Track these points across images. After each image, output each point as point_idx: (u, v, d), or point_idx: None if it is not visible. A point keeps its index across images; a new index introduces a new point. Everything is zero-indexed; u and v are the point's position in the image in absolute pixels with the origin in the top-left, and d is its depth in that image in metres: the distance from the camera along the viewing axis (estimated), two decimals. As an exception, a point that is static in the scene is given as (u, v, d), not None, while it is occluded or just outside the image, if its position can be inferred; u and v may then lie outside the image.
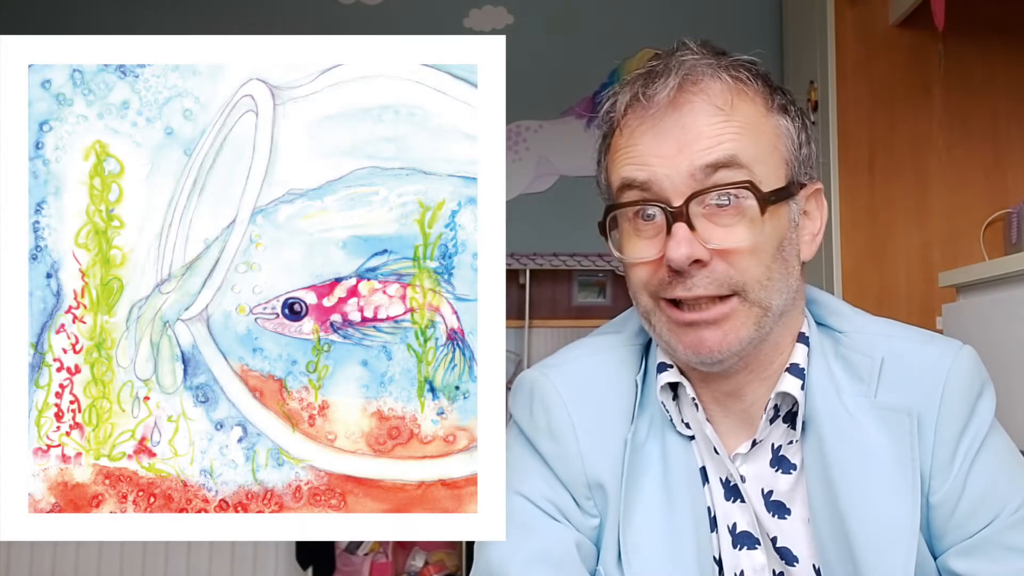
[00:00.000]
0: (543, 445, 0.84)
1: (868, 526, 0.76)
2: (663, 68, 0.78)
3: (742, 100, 0.78)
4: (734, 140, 0.76)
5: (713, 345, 0.77)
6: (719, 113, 0.76)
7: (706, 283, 0.76)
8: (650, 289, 0.79)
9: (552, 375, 0.86)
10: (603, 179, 0.84)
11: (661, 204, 0.76)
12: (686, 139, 0.76)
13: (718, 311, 0.76)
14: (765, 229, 0.76)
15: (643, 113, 0.78)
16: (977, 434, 0.79)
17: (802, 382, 0.80)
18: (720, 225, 0.76)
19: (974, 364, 0.81)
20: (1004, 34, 2.62)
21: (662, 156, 0.76)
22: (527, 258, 3.16)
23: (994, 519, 0.77)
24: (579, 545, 0.81)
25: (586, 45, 3.30)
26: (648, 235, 0.78)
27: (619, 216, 0.80)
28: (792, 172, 0.80)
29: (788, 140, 0.80)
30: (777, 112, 0.80)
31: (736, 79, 0.78)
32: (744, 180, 0.75)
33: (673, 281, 0.76)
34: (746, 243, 0.75)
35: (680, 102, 0.77)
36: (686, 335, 0.78)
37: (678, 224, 0.75)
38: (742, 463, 0.82)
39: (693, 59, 0.78)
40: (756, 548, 0.81)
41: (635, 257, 0.79)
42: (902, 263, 2.60)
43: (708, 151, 0.75)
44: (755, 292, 0.76)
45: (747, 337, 0.77)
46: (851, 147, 2.61)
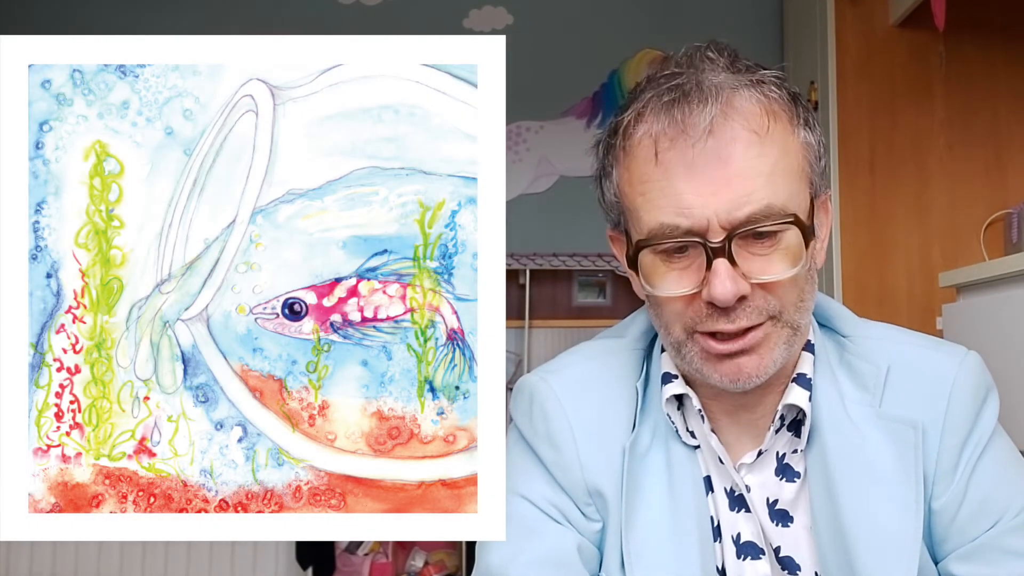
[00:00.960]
0: (543, 451, 0.83)
1: (869, 537, 0.75)
2: (694, 88, 0.74)
3: (774, 121, 0.75)
4: (769, 185, 0.73)
5: (751, 372, 0.76)
6: (756, 142, 0.73)
7: (748, 314, 0.74)
8: (684, 323, 0.76)
9: (552, 381, 0.85)
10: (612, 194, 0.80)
11: (699, 240, 0.73)
12: (724, 177, 0.72)
13: (753, 338, 0.75)
14: (802, 257, 0.74)
15: (676, 137, 0.73)
16: (980, 440, 0.79)
17: (809, 393, 0.80)
18: (758, 256, 0.73)
19: (979, 371, 0.81)
20: (1004, 34, 2.62)
21: (699, 195, 0.72)
22: (527, 258, 3.16)
23: (995, 523, 0.77)
24: (581, 548, 0.80)
25: (586, 45, 3.30)
26: (680, 266, 0.75)
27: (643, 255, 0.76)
28: (815, 189, 0.78)
29: (812, 155, 0.78)
30: (802, 126, 0.78)
31: (768, 97, 0.75)
32: (789, 215, 0.73)
33: (714, 314, 0.74)
34: (789, 275, 0.74)
35: (717, 128, 0.72)
36: (723, 365, 0.76)
37: (720, 260, 0.72)
38: (747, 473, 0.82)
39: (725, 78, 0.75)
40: (760, 558, 0.81)
41: (669, 292, 0.75)
42: (902, 263, 2.60)
43: (746, 199, 0.72)
44: (789, 315, 0.75)
45: (781, 358, 0.77)
46: (851, 147, 2.61)
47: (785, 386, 0.81)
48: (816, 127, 0.80)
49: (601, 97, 3.29)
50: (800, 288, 0.76)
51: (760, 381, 0.77)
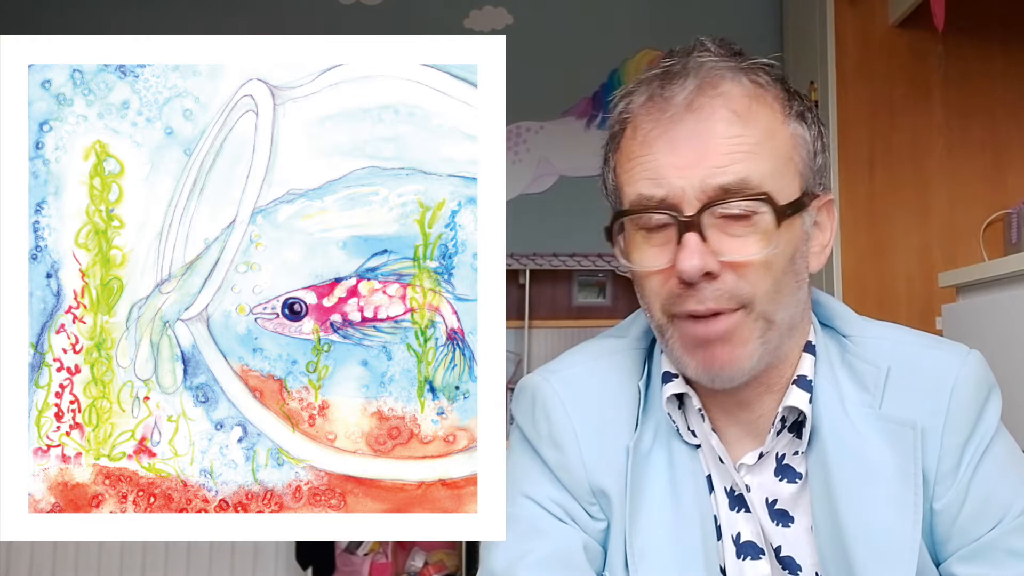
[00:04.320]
0: (546, 452, 0.83)
1: (868, 539, 0.75)
2: (680, 69, 0.76)
3: (760, 106, 0.76)
4: (748, 160, 0.73)
5: (725, 361, 0.75)
6: (736, 121, 0.74)
7: (716, 296, 0.74)
8: (662, 302, 0.77)
9: (554, 381, 0.85)
10: (611, 181, 0.82)
11: (673, 213, 0.74)
12: (702, 150, 0.73)
13: (725, 325, 0.75)
14: (779, 242, 0.74)
15: (659, 116, 0.75)
16: (982, 440, 0.79)
17: (810, 395, 0.80)
18: (732, 236, 0.74)
19: (981, 370, 0.81)
20: (1004, 34, 2.62)
21: (677, 167, 0.74)
22: (527, 258, 3.16)
23: (997, 524, 0.77)
24: (586, 547, 0.80)
25: (586, 45, 3.30)
26: (657, 243, 0.76)
27: (627, 222, 0.78)
28: (806, 183, 0.78)
29: (804, 149, 0.78)
30: (794, 119, 0.78)
31: (755, 83, 0.76)
32: (761, 192, 0.73)
33: (684, 294, 0.74)
34: (759, 256, 0.74)
35: (697, 106, 0.74)
36: (697, 353, 0.76)
37: (690, 234, 0.73)
38: (747, 473, 0.82)
39: (712, 61, 0.76)
40: (760, 558, 0.81)
41: (644, 266, 0.77)
42: (902, 263, 2.60)
43: (722, 171, 0.73)
44: (761, 305, 0.75)
45: (755, 352, 0.76)
46: (851, 147, 2.61)
47: (785, 388, 0.81)
48: (814, 125, 0.80)
49: (601, 97, 3.29)
50: (775, 279, 0.75)
51: (736, 377, 0.76)
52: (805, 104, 0.80)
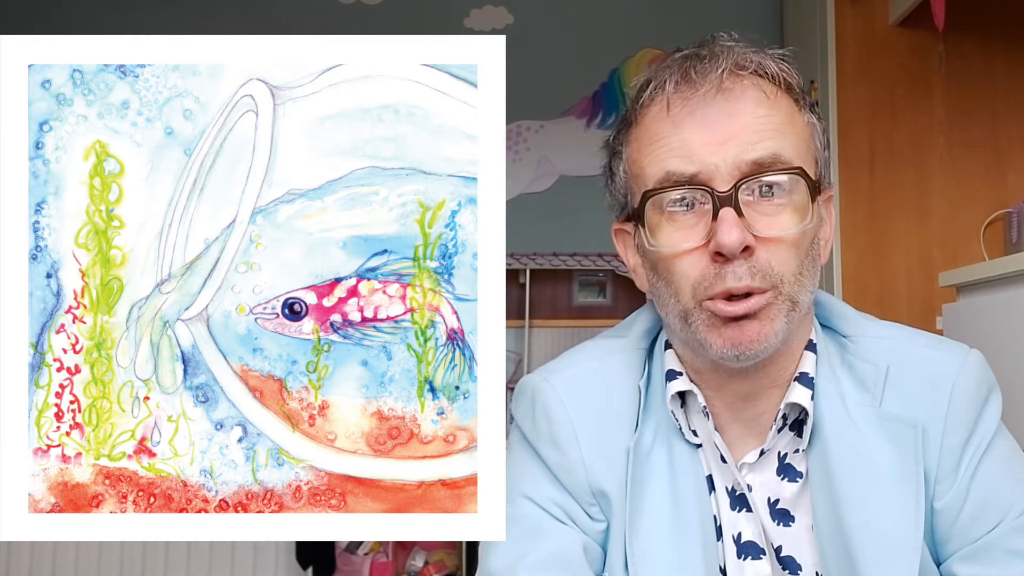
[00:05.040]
0: (545, 452, 0.83)
1: (870, 537, 0.75)
2: (708, 53, 0.78)
3: (783, 92, 0.78)
4: (777, 137, 0.75)
5: (753, 336, 0.75)
6: (765, 102, 0.76)
7: (750, 272, 0.74)
8: (693, 284, 0.76)
9: (554, 381, 0.85)
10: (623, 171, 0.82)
11: (708, 189, 0.74)
12: (733, 128, 0.74)
13: (757, 302, 0.74)
14: (807, 219, 0.75)
15: (688, 95, 0.76)
16: (982, 440, 0.79)
17: (811, 392, 0.80)
18: (764, 213, 0.74)
19: (981, 369, 0.81)
20: (1005, 34, 2.62)
21: (709, 145, 0.74)
22: (527, 258, 3.16)
23: (998, 524, 0.77)
24: (586, 548, 0.80)
25: (586, 45, 3.30)
26: (687, 225, 0.76)
27: (649, 209, 0.77)
28: (819, 172, 0.80)
29: (816, 139, 0.80)
30: (807, 109, 0.80)
31: (780, 71, 0.78)
32: (796, 166, 0.75)
33: (720, 271, 0.74)
34: (793, 231, 0.74)
35: (728, 86, 0.76)
36: (727, 330, 0.75)
37: (726, 209, 0.73)
38: (748, 472, 0.82)
39: (739, 47, 0.78)
40: (761, 558, 0.81)
41: (675, 247, 0.76)
42: (902, 263, 2.60)
43: (754, 146, 0.74)
44: (789, 286, 0.75)
45: (781, 330, 0.76)
46: (851, 147, 2.62)
47: (787, 385, 0.81)
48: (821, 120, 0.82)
49: (601, 97, 3.29)
50: (800, 260, 0.76)
51: (762, 353, 0.76)
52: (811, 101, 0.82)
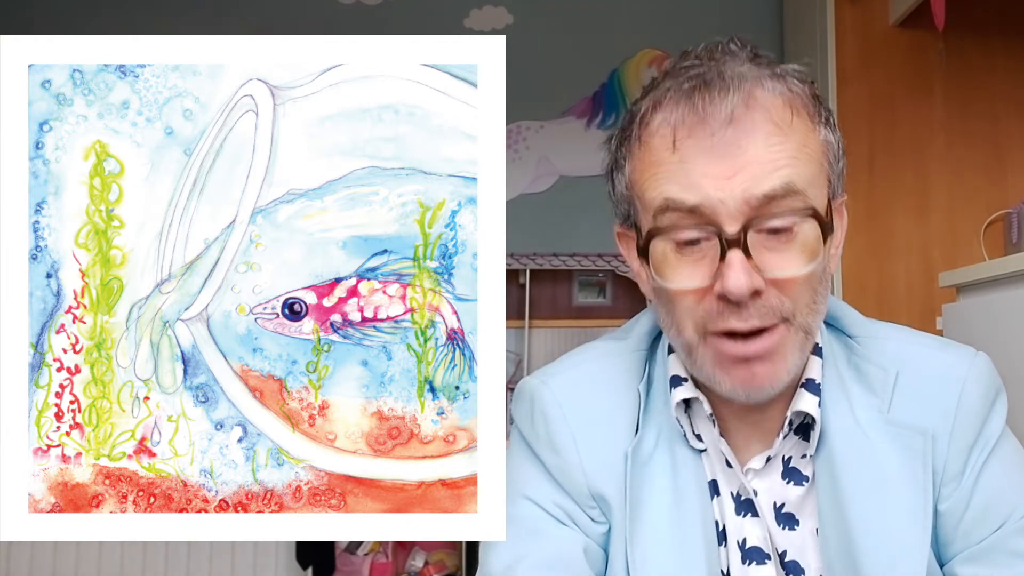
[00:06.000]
0: (544, 455, 0.83)
1: (876, 543, 0.75)
2: (716, 78, 0.72)
3: (795, 114, 0.74)
4: (790, 166, 0.71)
5: (764, 381, 0.74)
6: (777, 132, 0.72)
7: (760, 313, 0.72)
8: (696, 320, 0.74)
9: (552, 384, 0.85)
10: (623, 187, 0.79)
11: (714, 228, 0.71)
12: (743, 161, 0.70)
13: (768, 343, 0.73)
14: (822, 257, 0.73)
15: (695, 126, 0.72)
16: (988, 442, 0.78)
17: (818, 399, 0.79)
18: (773, 251, 0.71)
19: (989, 373, 0.80)
20: (1004, 34, 2.62)
21: (715, 178, 0.71)
22: (527, 258, 3.16)
23: (1001, 525, 0.77)
24: (587, 550, 0.80)
25: (586, 45, 3.30)
26: (694, 259, 0.73)
27: (657, 239, 0.74)
28: (833, 189, 0.77)
29: (831, 154, 0.77)
30: (823, 125, 0.76)
31: (791, 91, 0.74)
32: (808, 207, 0.71)
33: (725, 312, 0.72)
34: (804, 272, 0.72)
35: (738, 118, 0.71)
36: (736, 370, 0.74)
37: (734, 251, 0.70)
38: (753, 477, 0.81)
39: (749, 70, 0.74)
40: (765, 563, 0.80)
41: (681, 285, 0.73)
42: (902, 263, 2.60)
43: (765, 178, 0.70)
44: (801, 317, 0.73)
45: (794, 365, 0.75)
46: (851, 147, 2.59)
47: (794, 391, 0.80)
48: (836, 128, 0.79)
49: (601, 97, 3.29)
50: (814, 289, 0.74)
51: (773, 392, 0.75)
52: (827, 108, 0.79)
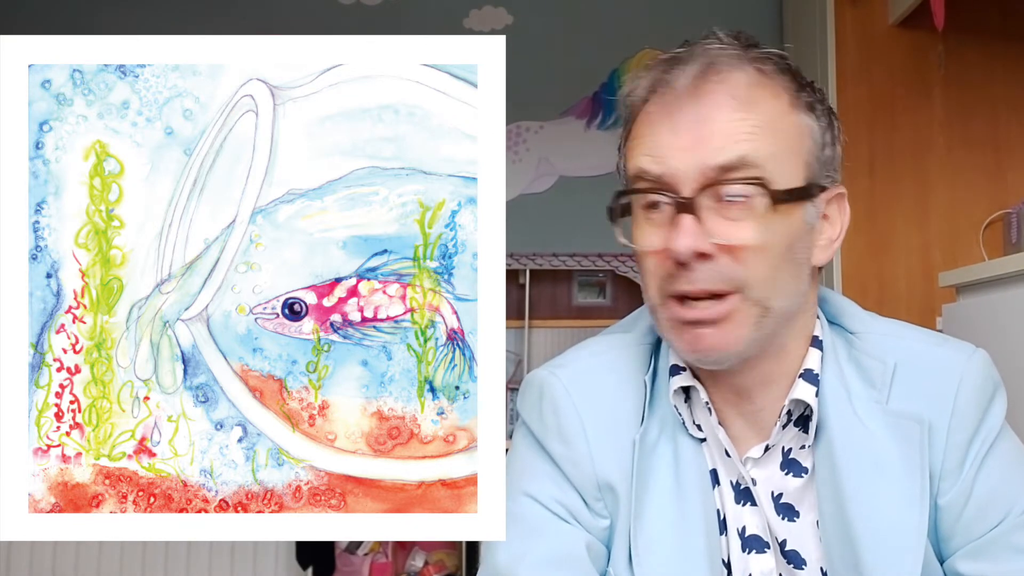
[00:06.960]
0: (552, 446, 0.83)
1: (875, 533, 0.75)
2: (686, 55, 0.78)
3: (765, 94, 0.77)
4: (748, 140, 0.75)
5: (712, 343, 0.76)
6: (738, 107, 0.75)
7: (708, 277, 0.74)
8: (657, 282, 0.78)
9: (561, 375, 0.86)
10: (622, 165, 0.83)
11: (670, 194, 0.75)
12: (702, 133, 0.75)
13: (716, 310, 0.75)
14: (775, 228, 0.75)
15: (662, 100, 0.77)
16: (987, 437, 0.79)
17: (816, 389, 0.80)
18: (728, 219, 0.74)
19: (987, 368, 0.81)
20: (1004, 34, 2.62)
21: (677, 148, 0.75)
22: (527, 258, 3.16)
23: (1002, 520, 0.77)
24: (589, 546, 0.80)
25: (586, 45, 3.30)
26: (657, 224, 0.77)
27: (633, 203, 0.80)
28: (812, 173, 0.78)
29: (810, 140, 0.79)
30: (802, 110, 0.79)
31: (761, 72, 0.78)
32: (755, 176, 0.74)
33: (676, 273, 0.75)
34: (752, 240, 0.74)
35: (701, 92, 0.76)
36: (685, 332, 0.77)
37: (684, 215, 0.74)
38: (752, 466, 0.82)
39: (718, 48, 0.78)
40: (765, 552, 0.81)
41: (642, 245, 0.78)
42: (902, 263, 2.60)
43: (720, 150, 0.74)
44: (757, 290, 0.75)
45: (746, 337, 0.76)
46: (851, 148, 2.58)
47: (789, 382, 0.81)
48: (824, 117, 0.81)
49: (601, 97, 3.29)
50: (772, 265, 0.75)
51: (723, 360, 0.77)
52: (816, 96, 0.81)
